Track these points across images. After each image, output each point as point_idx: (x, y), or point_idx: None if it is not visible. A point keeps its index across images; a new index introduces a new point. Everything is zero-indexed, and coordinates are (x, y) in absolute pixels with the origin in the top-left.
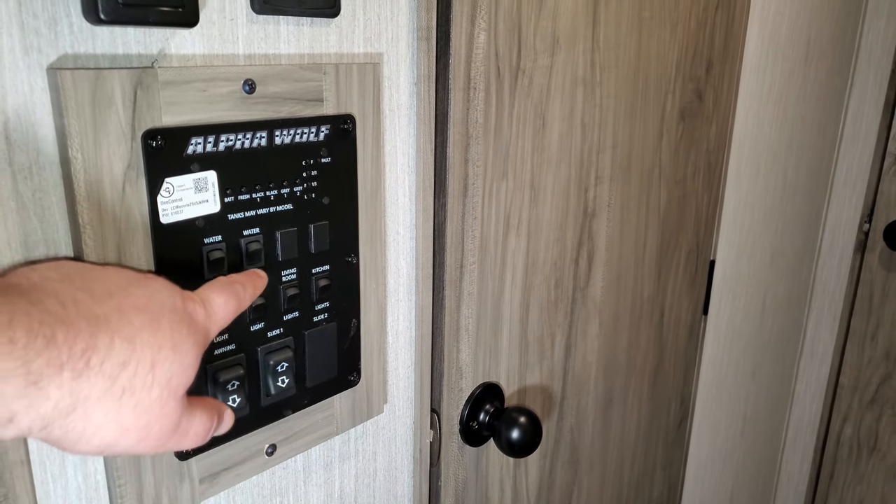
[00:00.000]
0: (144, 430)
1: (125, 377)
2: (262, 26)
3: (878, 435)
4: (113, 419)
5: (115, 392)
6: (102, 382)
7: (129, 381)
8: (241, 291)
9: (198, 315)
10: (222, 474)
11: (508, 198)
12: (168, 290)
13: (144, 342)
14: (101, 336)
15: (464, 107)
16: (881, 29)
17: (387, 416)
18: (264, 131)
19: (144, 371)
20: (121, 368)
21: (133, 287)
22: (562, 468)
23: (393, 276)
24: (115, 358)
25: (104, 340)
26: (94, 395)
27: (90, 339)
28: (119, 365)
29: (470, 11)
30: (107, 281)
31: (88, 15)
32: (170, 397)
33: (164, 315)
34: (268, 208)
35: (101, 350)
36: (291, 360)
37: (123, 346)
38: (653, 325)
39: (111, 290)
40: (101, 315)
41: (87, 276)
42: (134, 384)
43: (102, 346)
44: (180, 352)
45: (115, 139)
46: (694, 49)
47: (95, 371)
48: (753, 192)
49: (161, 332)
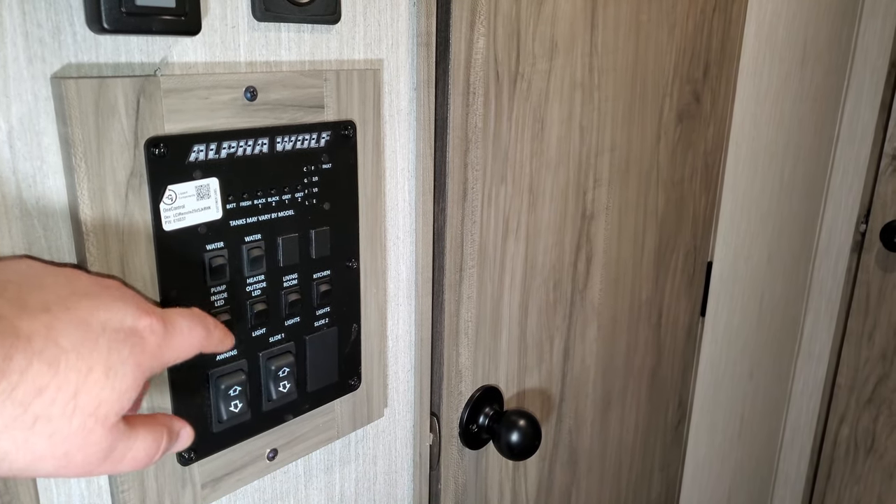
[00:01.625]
0: (64, 458)
1: (40, 405)
2: (264, 33)
3: (875, 435)
4: (23, 448)
5: (25, 421)
6: (11, 410)
7: (44, 409)
8: (211, 325)
9: (153, 335)
10: (224, 479)
11: (507, 201)
12: (119, 304)
13: (70, 366)
14: (17, 358)
15: (463, 112)
16: (877, 30)
17: (387, 419)
18: (266, 138)
19: (65, 398)
20: (35, 395)
21: (77, 298)
22: (561, 470)
23: (393, 280)
24: (30, 384)
25: (19, 363)
26: (1, 423)
27: (2, 362)
28: (34, 391)
29: (469, 17)
30: (49, 291)
31: (92, 24)
32: (97, 425)
33: (105, 334)
34: (269, 214)
35: (14, 375)
36: (292, 365)
37: (42, 370)
38: (651, 327)
39: (49, 302)
40: (25, 333)
41: (29, 283)
42: (51, 412)
43: (15, 371)
44: (115, 376)
45: (118, 147)
46: (691, 52)
47: (3, 398)
48: (751, 193)
49: (95, 354)
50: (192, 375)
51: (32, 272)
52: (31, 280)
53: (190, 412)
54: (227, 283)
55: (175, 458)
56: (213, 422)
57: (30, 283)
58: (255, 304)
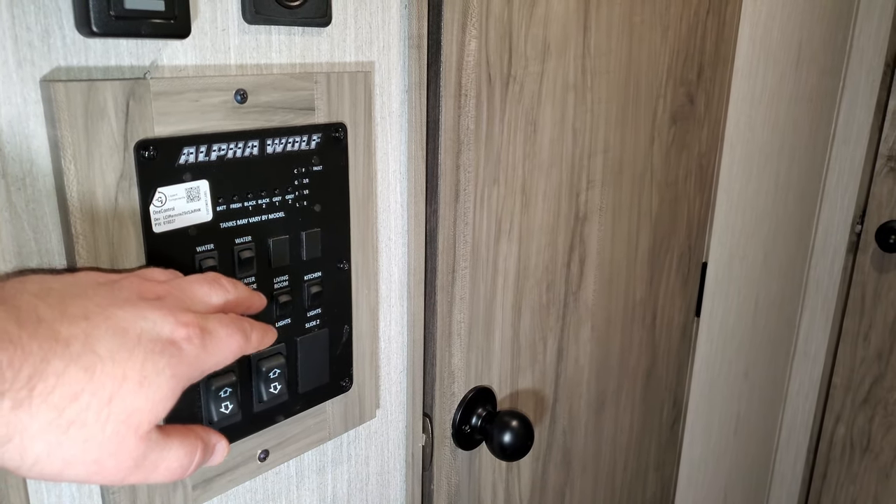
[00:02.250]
0: (95, 464)
1: (75, 410)
2: (254, 36)
3: (871, 435)
4: (55, 453)
5: (60, 425)
6: (47, 413)
7: (79, 414)
8: (248, 329)
9: (191, 345)
10: (215, 480)
11: (500, 203)
12: (158, 315)
13: (106, 373)
14: (55, 362)
15: (455, 114)
16: (872, 31)
17: (379, 420)
18: (256, 140)
19: (99, 404)
20: (71, 399)
21: (116, 308)
22: (554, 470)
23: (385, 281)
24: (66, 388)
25: (56, 367)
26: (36, 426)
27: (40, 364)
28: (69, 396)
29: (461, 19)
30: (90, 299)
31: (81, 28)
32: (129, 433)
33: (142, 343)
34: (260, 216)
35: (51, 378)
36: (284, 367)
37: (79, 375)
38: (645, 328)
39: (89, 310)
40: (64, 338)
41: (72, 291)
42: (85, 417)
43: (52, 374)
44: (149, 386)
45: (107, 150)
46: (685, 53)
47: (40, 401)
48: (746, 194)
49: (131, 363)
50: None
51: (77, 281)
52: (75, 289)
53: (180, 413)
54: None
55: None
56: (204, 423)
57: (73, 291)
58: None
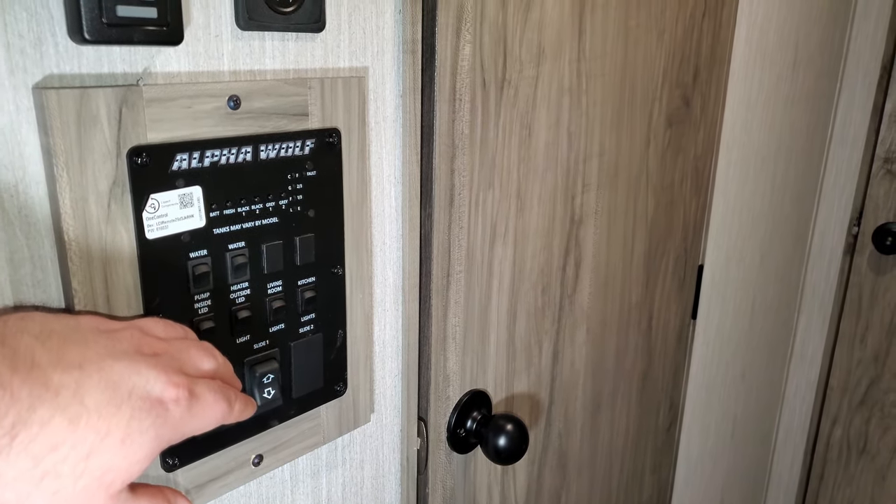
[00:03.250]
0: None
1: (51, 460)
2: (248, 42)
3: (868, 437)
4: (24, 502)
5: (35, 475)
6: (24, 462)
7: (54, 466)
8: (232, 398)
9: (177, 406)
10: (209, 485)
11: (495, 207)
12: (152, 372)
13: (90, 426)
14: (41, 411)
15: (449, 118)
16: (869, 33)
17: (374, 424)
18: (249, 146)
19: (77, 457)
20: (50, 450)
21: (112, 360)
22: (550, 473)
23: (379, 286)
24: (47, 439)
25: (42, 415)
26: (11, 474)
27: (26, 412)
28: (49, 447)
29: (455, 24)
30: (88, 348)
31: (73, 35)
32: (99, 490)
33: (131, 400)
34: (253, 222)
35: (34, 427)
36: (277, 372)
37: (62, 425)
38: (641, 331)
39: (85, 360)
40: (54, 386)
41: (73, 337)
42: (60, 469)
43: (37, 423)
44: (131, 444)
45: (100, 157)
46: (681, 56)
47: (19, 450)
48: (742, 196)
49: (116, 419)
50: None
51: (79, 327)
52: (76, 334)
53: None
54: (210, 291)
55: (159, 465)
56: None
57: (74, 337)
58: (239, 312)
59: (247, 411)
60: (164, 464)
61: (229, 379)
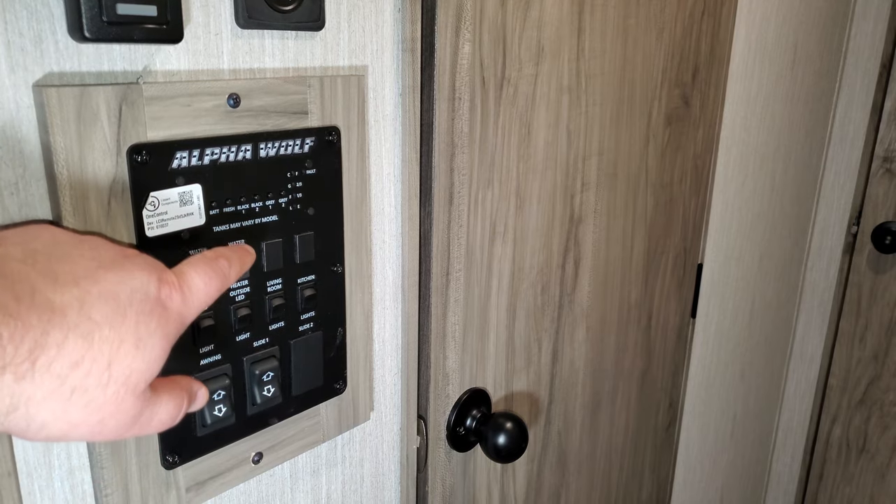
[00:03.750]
0: (98, 425)
1: (77, 377)
2: (247, 40)
3: (867, 436)
4: (61, 417)
5: (63, 392)
6: (50, 383)
7: (80, 381)
8: (226, 268)
9: (172, 302)
10: (209, 483)
11: (494, 205)
12: (144, 274)
13: (104, 338)
14: (54, 333)
15: (449, 117)
16: (869, 32)
17: (373, 422)
18: (249, 144)
19: (100, 370)
20: (72, 368)
21: (103, 271)
22: (550, 472)
23: (379, 284)
24: (67, 357)
25: (56, 338)
26: (40, 395)
27: (41, 336)
28: (70, 365)
29: (454, 23)
30: (76, 262)
31: (74, 33)
32: (127, 394)
33: (133, 305)
34: (253, 220)
35: (52, 349)
36: (277, 370)
37: (78, 343)
38: (640, 329)
39: (78, 275)
40: (59, 307)
41: (56, 253)
42: (87, 383)
43: (53, 345)
44: (144, 347)
45: (100, 154)
46: (680, 55)
47: (42, 372)
48: (741, 195)
49: (125, 326)
50: None
51: (55, 242)
52: (58, 250)
53: None
54: None
55: (159, 462)
56: (198, 426)
57: (57, 253)
58: (238, 310)
59: (245, 264)
60: (164, 461)
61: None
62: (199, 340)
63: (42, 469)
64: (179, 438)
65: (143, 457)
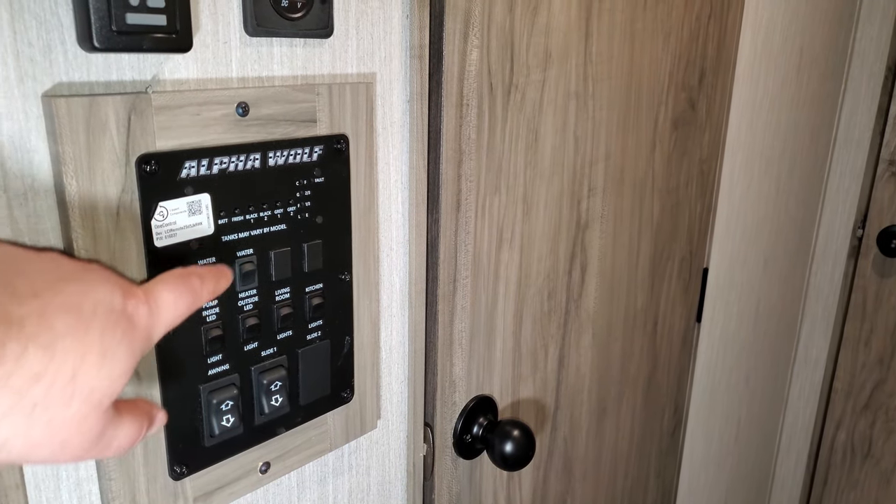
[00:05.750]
0: (60, 445)
1: (38, 391)
2: (256, 48)
3: (872, 440)
4: (21, 435)
5: (23, 408)
6: (9, 398)
7: (42, 396)
8: (197, 286)
9: (139, 316)
10: (216, 493)
11: (501, 212)
12: (107, 287)
13: (66, 349)
14: (11, 345)
15: (456, 123)
16: (874, 35)
17: (380, 430)
18: (258, 153)
19: (62, 383)
20: (33, 382)
21: (65, 283)
22: (555, 478)
23: (386, 292)
24: (27, 370)
25: (14, 350)
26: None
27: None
28: (31, 378)
29: (462, 29)
30: (35, 276)
31: (83, 43)
32: (91, 411)
33: (97, 317)
34: (261, 229)
35: (9, 362)
36: (285, 379)
37: (38, 355)
38: (646, 335)
39: (37, 287)
40: (17, 319)
41: (13, 268)
42: (48, 399)
43: (11, 358)
44: (109, 361)
45: (109, 164)
46: (687, 59)
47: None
48: (747, 199)
49: (89, 338)
50: (184, 390)
51: (14, 257)
52: (15, 265)
53: (182, 427)
54: (218, 299)
55: (167, 473)
56: (205, 436)
57: (14, 268)
58: (247, 319)
59: (220, 287)
60: (171, 472)
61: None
62: (207, 350)
63: (50, 481)
64: (187, 449)
65: (151, 468)
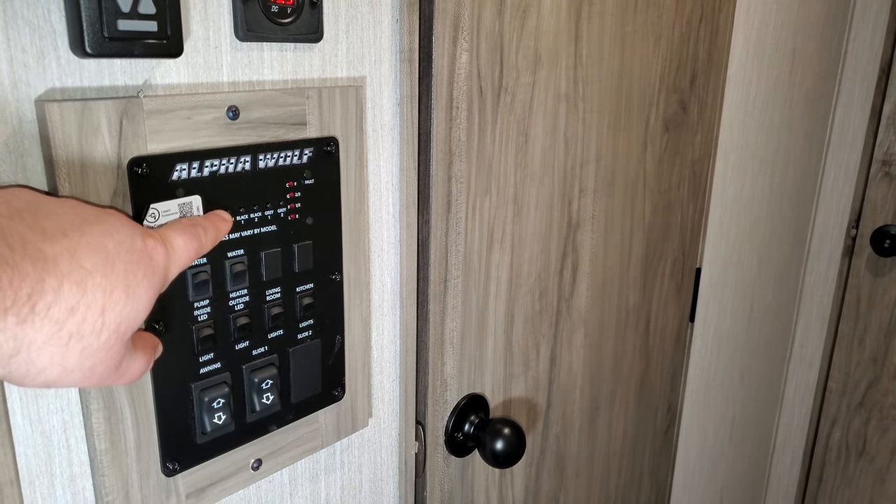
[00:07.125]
0: (89, 371)
1: (73, 322)
2: (246, 53)
3: (867, 438)
4: (58, 363)
5: (61, 337)
6: (49, 328)
7: (77, 327)
8: (202, 235)
9: (157, 255)
10: (208, 489)
11: (492, 213)
12: (127, 228)
13: (96, 285)
14: (49, 280)
15: (446, 126)
16: (867, 36)
17: (372, 429)
18: (248, 156)
19: (94, 316)
20: (69, 314)
21: (89, 225)
22: (548, 476)
23: (377, 292)
24: (64, 303)
25: (52, 284)
26: (40, 339)
27: (37, 283)
28: (67, 310)
29: (452, 33)
30: (61, 218)
31: (75, 49)
32: (117, 341)
33: (120, 255)
34: (252, 230)
35: (49, 295)
36: (276, 377)
37: (73, 290)
38: (639, 334)
39: (65, 228)
40: (51, 256)
41: (41, 211)
42: (82, 329)
43: (50, 291)
44: (133, 295)
45: (101, 168)
46: (678, 61)
47: (41, 316)
48: (740, 199)
49: (115, 274)
50: (176, 388)
51: (38, 201)
52: (42, 208)
53: (174, 424)
54: (210, 298)
55: (160, 469)
56: (198, 433)
57: (41, 210)
58: (238, 318)
59: (221, 233)
60: (164, 468)
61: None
62: (198, 349)
63: (44, 477)
64: (180, 446)
65: (144, 464)
